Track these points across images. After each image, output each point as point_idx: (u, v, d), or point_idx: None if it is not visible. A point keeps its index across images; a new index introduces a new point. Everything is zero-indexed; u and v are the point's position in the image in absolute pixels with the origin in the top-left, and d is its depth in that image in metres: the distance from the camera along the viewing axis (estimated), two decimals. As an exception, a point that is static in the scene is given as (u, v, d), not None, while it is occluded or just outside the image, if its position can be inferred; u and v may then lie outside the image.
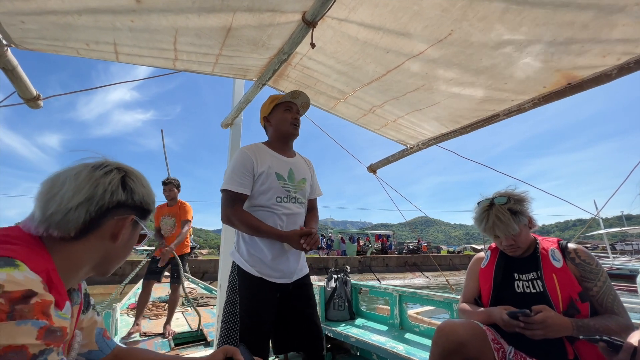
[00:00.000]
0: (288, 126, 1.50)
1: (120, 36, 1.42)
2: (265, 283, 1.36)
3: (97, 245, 0.61)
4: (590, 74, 1.39)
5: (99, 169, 0.62)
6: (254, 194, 1.42)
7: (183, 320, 3.39)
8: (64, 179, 0.59)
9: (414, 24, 1.31)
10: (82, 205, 0.58)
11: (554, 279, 1.16)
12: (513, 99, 1.68)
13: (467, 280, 1.44)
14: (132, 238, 0.67)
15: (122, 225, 0.63)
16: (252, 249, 1.40)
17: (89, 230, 0.59)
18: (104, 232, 0.61)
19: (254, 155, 1.42)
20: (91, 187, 0.59)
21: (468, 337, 1.11)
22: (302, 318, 1.43)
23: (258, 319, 1.32)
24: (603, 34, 1.19)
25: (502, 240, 1.24)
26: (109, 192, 0.60)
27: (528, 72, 1.47)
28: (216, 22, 1.36)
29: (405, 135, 2.35)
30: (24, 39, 1.35)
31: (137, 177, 0.66)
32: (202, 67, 1.79)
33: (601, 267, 1.14)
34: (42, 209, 0.57)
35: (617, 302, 1.09)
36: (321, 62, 1.74)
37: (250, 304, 1.34)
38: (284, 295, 1.41)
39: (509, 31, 1.26)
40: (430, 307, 2.57)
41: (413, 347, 1.95)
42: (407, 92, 1.82)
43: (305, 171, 1.57)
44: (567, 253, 1.19)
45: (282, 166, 1.47)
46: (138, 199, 0.65)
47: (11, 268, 0.44)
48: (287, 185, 1.45)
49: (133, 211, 0.65)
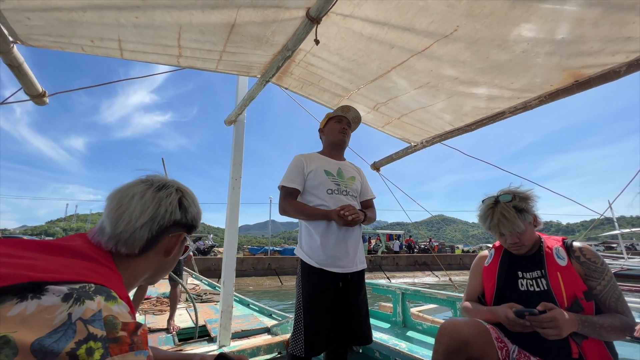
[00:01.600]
0: (337, 134, 1.73)
1: (124, 33, 1.42)
2: (325, 273, 1.50)
3: (153, 259, 0.67)
4: (598, 71, 1.37)
5: (162, 190, 0.66)
6: (308, 189, 1.64)
7: (187, 316, 3.42)
8: (130, 197, 0.63)
9: (419, 19, 1.30)
10: (146, 224, 0.62)
11: (558, 277, 1.15)
12: (519, 96, 1.66)
13: (471, 279, 1.44)
14: (180, 250, 0.73)
15: (177, 242, 0.69)
16: (311, 243, 1.56)
17: (149, 247, 0.64)
18: (159, 248, 0.66)
19: (304, 158, 1.68)
20: (154, 207, 0.64)
21: (471, 336, 1.11)
22: (356, 309, 1.56)
23: (319, 305, 1.47)
24: (613, 32, 1.17)
25: (506, 238, 1.23)
26: (168, 212, 0.65)
27: (535, 70, 1.45)
28: (220, 18, 1.36)
29: (409, 133, 2.34)
30: (30, 36, 1.36)
31: (191, 197, 0.71)
32: (206, 64, 1.79)
33: (606, 266, 1.13)
34: (112, 225, 0.61)
35: (622, 301, 1.09)
36: (325, 59, 1.73)
37: (311, 292, 1.49)
38: (345, 284, 1.54)
39: (516, 28, 1.24)
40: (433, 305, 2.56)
41: (416, 345, 1.95)
42: (412, 90, 1.81)
43: (354, 172, 1.77)
44: (572, 252, 1.18)
45: (331, 166, 1.69)
46: (190, 217, 0.70)
47: (113, 302, 0.47)
48: (337, 180, 1.65)
49: (185, 229, 0.70)
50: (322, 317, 1.46)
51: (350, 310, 1.54)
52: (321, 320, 1.46)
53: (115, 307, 0.46)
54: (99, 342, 0.42)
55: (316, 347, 1.43)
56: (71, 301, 0.42)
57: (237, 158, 2.27)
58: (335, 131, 1.73)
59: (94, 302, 0.44)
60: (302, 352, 1.41)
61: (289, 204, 1.60)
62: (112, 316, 0.45)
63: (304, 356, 1.42)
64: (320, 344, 1.44)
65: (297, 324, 1.49)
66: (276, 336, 2.52)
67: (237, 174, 2.25)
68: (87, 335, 0.41)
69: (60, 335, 0.40)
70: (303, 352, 1.41)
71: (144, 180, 0.67)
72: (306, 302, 1.48)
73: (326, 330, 1.46)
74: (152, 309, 3.59)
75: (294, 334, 1.49)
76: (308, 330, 1.43)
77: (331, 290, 1.50)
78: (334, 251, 1.52)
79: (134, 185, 0.66)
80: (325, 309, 1.48)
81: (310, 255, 1.54)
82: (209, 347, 2.22)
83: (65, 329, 0.40)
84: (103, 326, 0.43)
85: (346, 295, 1.54)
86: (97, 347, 0.41)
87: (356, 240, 1.62)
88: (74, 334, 0.40)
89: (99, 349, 0.41)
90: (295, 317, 1.53)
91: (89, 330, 0.42)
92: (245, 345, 2.16)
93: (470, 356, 1.09)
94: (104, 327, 0.43)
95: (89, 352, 0.40)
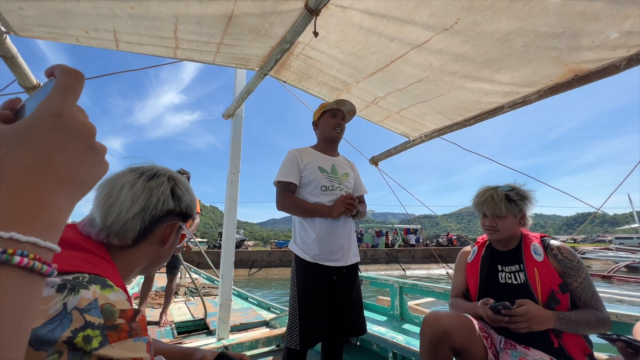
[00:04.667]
0: (331, 130, 1.70)
1: (120, 24, 1.39)
2: (319, 267, 1.51)
3: (148, 250, 0.65)
4: (598, 65, 1.37)
5: (153, 179, 0.64)
6: (301, 185, 1.62)
7: (186, 310, 3.43)
8: (120, 187, 0.61)
9: (419, 12, 1.28)
10: (138, 215, 0.61)
11: (535, 272, 1.23)
12: (518, 91, 1.65)
13: (455, 275, 1.50)
14: (176, 240, 0.72)
15: (171, 231, 0.67)
16: (305, 237, 1.57)
17: (143, 237, 0.63)
18: (154, 238, 0.65)
19: (298, 153, 1.66)
20: (146, 197, 0.62)
21: (453, 326, 1.14)
22: (350, 301, 1.58)
23: (313, 298, 1.49)
24: (614, 26, 1.16)
25: (487, 219, 1.32)
26: (161, 202, 0.63)
27: (535, 65, 1.44)
28: (217, 9, 1.34)
29: (408, 127, 2.33)
30: (23, 26, 1.33)
31: (184, 186, 0.70)
32: (204, 56, 1.76)
33: (582, 264, 1.20)
34: (102, 217, 0.59)
35: (596, 297, 1.15)
36: (324, 51, 1.71)
37: (305, 286, 1.51)
38: (339, 278, 1.55)
39: (517, 21, 1.23)
40: (430, 299, 2.58)
41: (412, 338, 1.97)
42: (411, 84, 1.80)
43: (347, 168, 1.76)
44: (550, 249, 1.25)
45: (325, 162, 1.67)
46: (184, 205, 0.68)
47: (109, 290, 0.47)
48: (331, 177, 1.64)
49: (179, 217, 0.68)
50: (316, 311, 1.48)
51: (344, 303, 1.56)
52: (316, 314, 1.48)
53: (111, 294, 0.46)
54: (97, 330, 0.41)
55: (311, 339, 1.44)
56: (66, 291, 0.42)
57: (235, 152, 2.26)
58: (330, 127, 1.70)
59: (89, 291, 0.43)
60: (297, 345, 1.43)
61: (287, 199, 1.58)
62: (109, 304, 0.44)
63: (299, 349, 1.43)
64: (315, 337, 1.46)
65: (292, 318, 1.50)
66: (274, 329, 2.54)
67: (236, 168, 2.25)
68: (84, 323, 0.41)
69: (56, 325, 0.39)
70: (298, 345, 1.43)
71: (134, 169, 0.65)
72: (301, 296, 1.49)
73: (320, 322, 1.48)
74: (150, 302, 3.61)
75: (288, 327, 1.50)
76: (303, 323, 1.45)
77: (325, 284, 1.52)
78: (329, 246, 1.53)
79: (124, 174, 0.63)
80: (320, 302, 1.49)
81: (305, 249, 1.55)
82: (207, 340, 2.23)
83: (60, 318, 0.40)
84: (100, 314, 0.43)
85: (340, 288, 1.55)
86: (95, 335, 0.41)
87: (350, 234, 1.63)
88: (70, 322, 0.40)
89: (97, 336, 0.41)
90: (289, 310, 1.54)
91: (86, 319, 0.41)
92: (243, 338, 2.18)
93: (454, 346, 1.13)
94: (101, 315, 0.43)
95: (87, 339, 0.40)
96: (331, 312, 1.54)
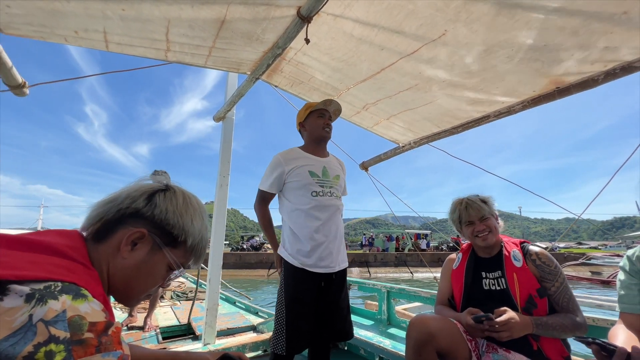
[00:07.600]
0: (321, 130, 1.68)
1: (110, 25, 1.38)
2: (306, 273, 1.50)
3: (106, 252, 0.58)
4: (578, 79, 1.42)
5: (147, 181, 0.63)
6: (291, 189, 1.60)
7: (171, 314, 3.37)
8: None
9: (408, 22, 1.32)
10: (106, 204, 0.59)
11: (514, 277, 1.26)
12: (503, 101, 1.70)
13: (441, 282, 1.53)
14: (150, 263, 0.60)
15: (130, 236, 0.57)
16: (294, 243, 1.56)
17: (106, 233, 0.58)
18: (114, 241, 0.58)
19: (283, 158, 1.63)
20: (120, 191, 0.60)
21: (438, 329, 1.16)
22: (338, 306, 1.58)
23: (301, 304, 1.48)
24: (592, 41, 1.22)
25: (475, 226, 1.34)
26: (129, 198, 0.59)
27: (519, 76, 1.49)
28: (210, 13, 1.34)
29: (398, 133, 2.37)
30: (10, 24, 1.31)
31: (175, 198, 0.62)
32: (195, 59, 1.76)
33: (559, 269, 1.24)
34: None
35: (572, 301, 1.19)
36: (315, 58, 1.74)
37: (293, 291, 1.50)
38: (327, 283, 1.55)
39: (501, 34, 1.27)
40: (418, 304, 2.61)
41: (399, 342, 1.99)
42: (400, 91, 1.83)
43: (339, 170, 1.75)
44: (529, 255, 1.29)
45: (316, 165, 1.64)
46: (159, 215, 0.59)
47: (81, 300, 0.44)
48: (322, 181, 1.62)
49: (148, 227, 0.59)
50: (303, 316, 1.47)
51: (332, 308, 1.56)
52: (302, 319, 1.47)
53: (83, 305, 0.43)
54: (60, 345, 0.39)
55: (297, 345, 1.44)
56: (33, 302, 0.40)
57: (225, 155, 2.25)
58: (320, 127, 1.68)
59: (57, 302, 0.41)
60: (283, 351, 1.42)
61: (260, 211, 1.67)
62: (78, 316, 0.42)
63: (285, 354, 1.42)
64: (302, 342, 1.46)
65: (278, 323, 1.49)
66: (262, 334, 2.52)
67: (225, 171, 2.24)
68: (48, 337, 0.38)
69: (19, 338, 0.37)
70: (284, 351, 1.42)
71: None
72: (288, 301, 1.49)
73: (308, 328, 1.47)
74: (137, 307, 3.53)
75: (275, 332, 1.49)
76: (289, 328, 1.44)
77: (314, 290, 1.51)
78: (318, 252, 1.52)
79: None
80: (307, 307, 1.49)
81: (294, 255, 1.54)
82: (193, 345, 2.20)
83: (25, 331, 0.37)
84: (67, 327, 0.40)
85: (328, 293, 1.55)
86: (59, 350, 0.39)
87: (339, 240, 1.63)
88: (33, 336, 0.38)
89: (60, 352, 0.39)
90: (276, 315, 1.53)
91: (51, 332, 0.39)
92: (230, 343, 2.16)
93: (439, 349, 1.15)
94: (67, 329, 0.40)
95: (49, 355, 0.38)
96: (319, 318, 1.53)
